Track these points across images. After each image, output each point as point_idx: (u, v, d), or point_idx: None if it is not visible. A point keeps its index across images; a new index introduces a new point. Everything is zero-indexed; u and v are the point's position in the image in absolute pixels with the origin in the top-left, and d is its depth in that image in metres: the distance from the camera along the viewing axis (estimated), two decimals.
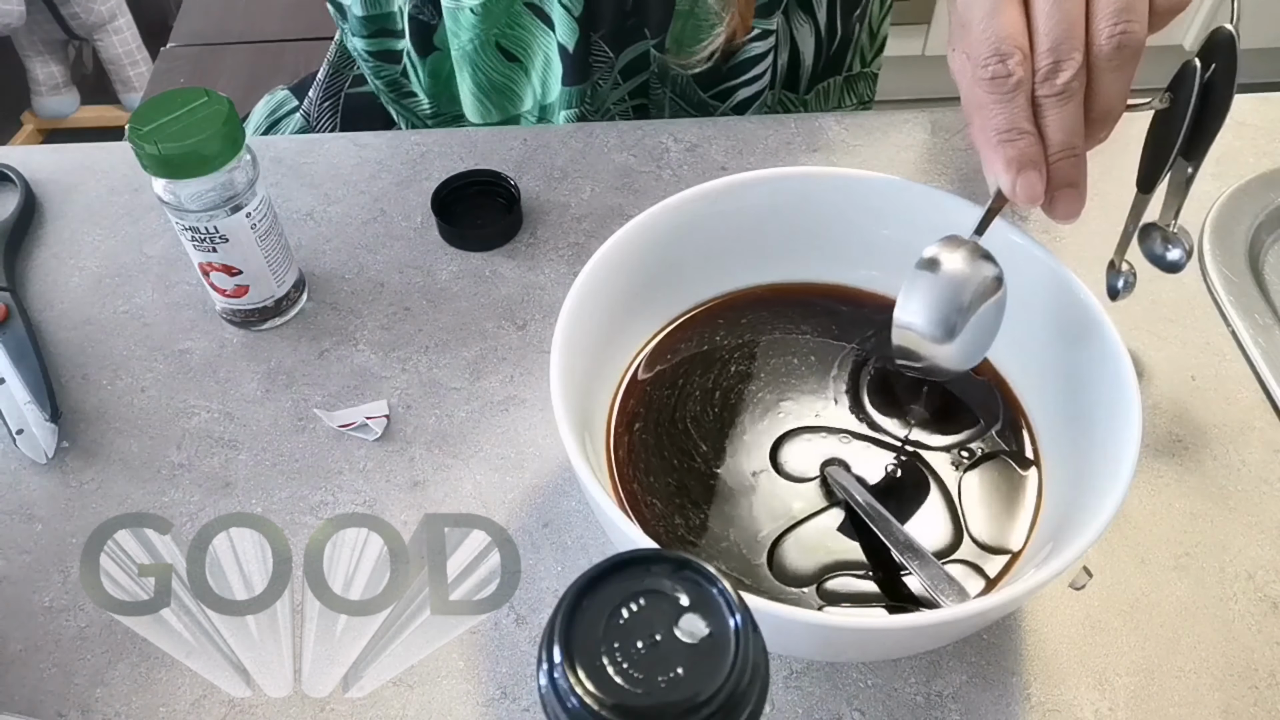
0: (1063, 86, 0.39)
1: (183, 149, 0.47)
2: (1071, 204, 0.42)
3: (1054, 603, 0.46)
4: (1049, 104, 0.40)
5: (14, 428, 0.52)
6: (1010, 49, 0.39)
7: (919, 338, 0.42)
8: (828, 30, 0.71)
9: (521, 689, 0.43)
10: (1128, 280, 0.51)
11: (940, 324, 0.42)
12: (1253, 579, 0.46)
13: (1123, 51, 0.39)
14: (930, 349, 0.43)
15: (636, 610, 0.24)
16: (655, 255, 0.47)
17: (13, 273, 0.59)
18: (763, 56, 0.68)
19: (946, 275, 0.42)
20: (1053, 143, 0.40)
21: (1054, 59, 0.39)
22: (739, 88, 0.70)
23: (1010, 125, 0.40)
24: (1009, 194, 0.41)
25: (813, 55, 0.72)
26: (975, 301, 0.42)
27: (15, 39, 1.82)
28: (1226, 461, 0.51)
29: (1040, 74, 0.39)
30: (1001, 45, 0.39)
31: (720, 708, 0.22)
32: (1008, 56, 0.39)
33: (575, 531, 0.48)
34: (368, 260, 0.60)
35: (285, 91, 0.78)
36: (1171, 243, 0.51)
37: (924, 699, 0.43)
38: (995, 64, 0.39)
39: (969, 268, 0.42)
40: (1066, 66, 0.39)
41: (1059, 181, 0.41)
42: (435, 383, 0.54)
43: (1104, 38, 0.39)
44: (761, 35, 0.67)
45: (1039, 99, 0.40)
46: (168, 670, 0.44)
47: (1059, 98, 0.39)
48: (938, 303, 0.42)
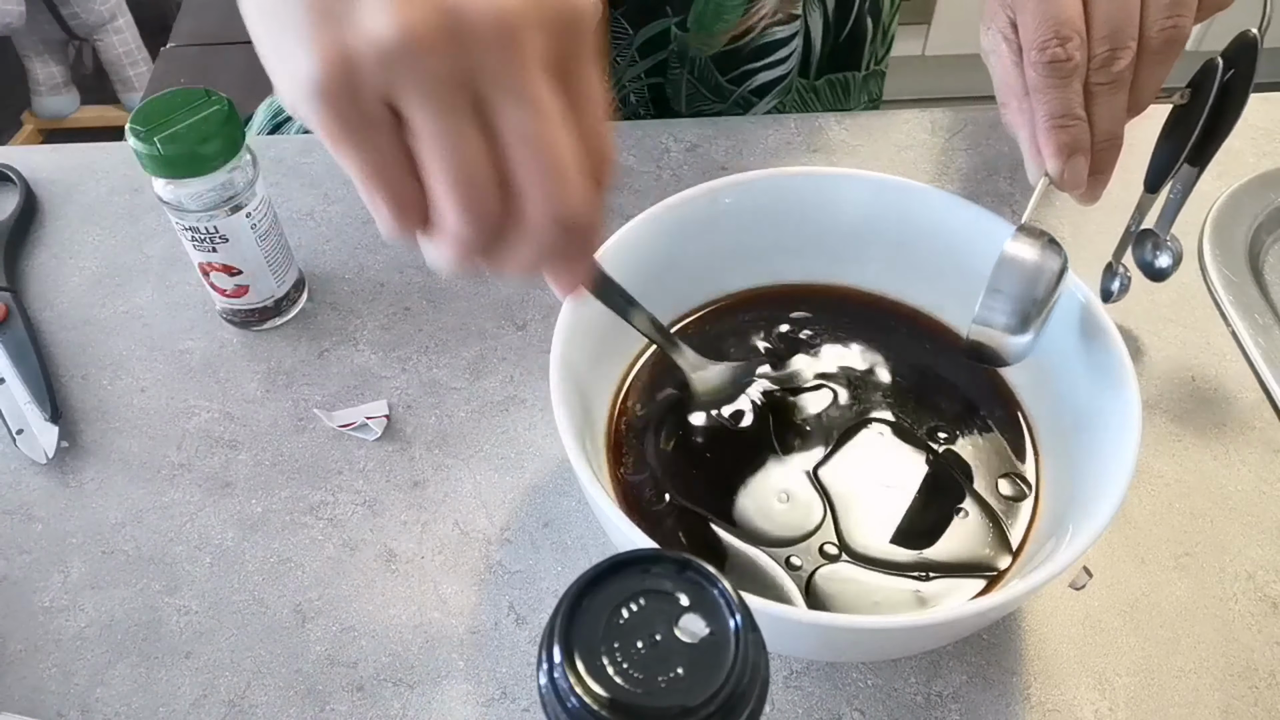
0: (1117, 75, 0.39)
1: (183, 149, 0.47)
2: (1098, 189, 0.42)
3: (1054, 603, 0.46)
4: (1101, 91, 0.39)
5: (14, 428, 0.52)
6: (1070, 33, 0.38)
7: (994, 332, 0.41)
8: (836, 18, 0.71)
9: (521, 689, 0.43)
10: (1123, 283, 0.51)
11: (1017, 315, 0.40)
12: (1253, 579, 0.46)
13: (1171, 45, 0.39)
14: (1003, 341, 0.41)
15: (636, 610, 0.24)
16: (655, 255, 0.47)
17: (13, 273, 0.59)
18: (786, 41, 0.68)
19: (1028, 269, 0.41)
20: (1099, 131, 0.40)
21: (1111, 46, 0.39)
22: (759, 71, 0.69)
23: (1065, 110, 0.40)
24: (1056, 179, 0.40)
25: (821, 40, 0.71)
26: (1049, 293, 0.41)
27: (15, 39, 1.82)
28: (1226, 461, 0.51)
29: (1096, 60, 0.39)
30: (1062, 28, 0.39)
31: (720, 708, 0.22)
32: (1068, 40, 0.38)
33: (575, 531, 0.48)
34: (368, 260, 0.60)
35: None
36: (1161, 250, 0.51)
37: (924, 699, 0.43)
38: (1055, 47, 0.39)
39: (1043, 259, 0.41)
40: (1123, 55, 0.39)
41: (1095, 168, 0.41)
42: (435, 383, 0.54)
43: (1156, 29, 0.39)
44: (787, 20, 0.66)
45: (1092, 85, 0.39)
46: (168, 670, 0.44)
47: (1111, 86, 0.39)
48: (1017, 296, 0.41)
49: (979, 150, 0.65)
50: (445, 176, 0.29)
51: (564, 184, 0.29)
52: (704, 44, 0.66)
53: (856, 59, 0.75)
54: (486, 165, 0.29)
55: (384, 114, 0.28)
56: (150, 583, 0.47)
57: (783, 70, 0.70)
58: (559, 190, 0.29)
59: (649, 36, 0.66)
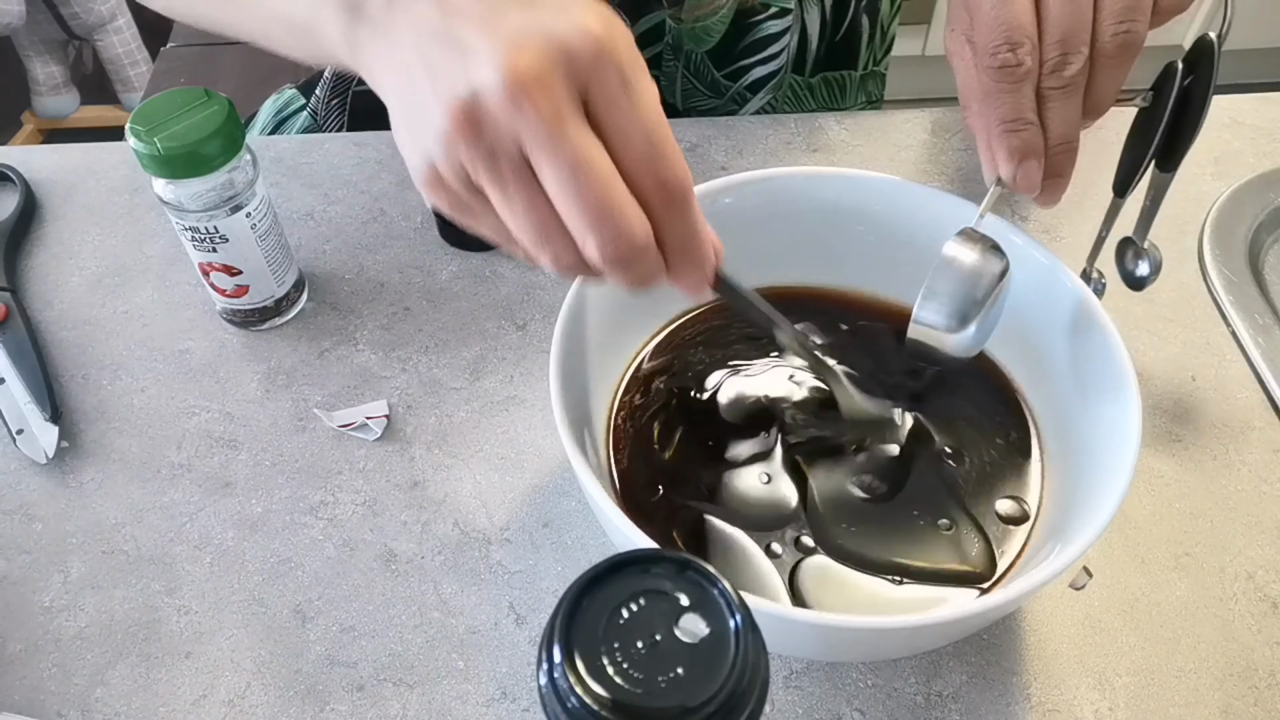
0: (1069, 79, 0.39)
1: (183, 149, 0.47)
2: (1056, 193, 0.42)
3: (1054, 603, 0.46)
4: (1054, 95, 0.40)
5: (14, 428, 0.52)
6: (1021, 38, 0.39)
7: (933, 331, 0.42)
8: (834, 15, 0.71)
9: (521, 689, 0.43)
10: (1097, 288, 0.51)
11: (955, 315, 0.41)
12: (1253, 579, 0.46)
13: (1125, 50, 0.39)
14: (943, 339, 0.42)
15: (636, 610, 0.24)
16: None
17: (13, 273, 0.59)
18: (779, 36, 0.68)
19: (963, 269, 0.41)
20: (1053, 135, 0.40)
21: (1062, 51, 0.39)
22: (754, 66, 0.70)
23: (1016, 115, 0.40)
24: (1009, 183, 0.41)
25: (818, 37, 0.71)
26: (988, 293, 0.41)
27: (15, 39, 1.82)
28: (1226, 461, 0.51)
29: (1048, 65, 0.39)
30: (1013, 34, 0.39)
31: (720, 708, 0.22)
32: (1018, 45, 0.39)
33: (575, 531, 0.48)
34: (368, 260, 0.60)
35: (292, 90, 0.78)
36: (1140, 258, 0.50)
37: (924, 699, 0.43)
38: (1005, 52, 0.39)
39: (982, 261, 0.41)
40: (1074, 60, 0.39)
41: (1051, 172, 0.41)
42: (435, 383, 0.54)
43: (1109, 34, 0.39)
44: (779, 14, 0.66)
45: (1044, 90, 0.40)
46: (168, 670, 0.44)
47: (1064, 90, 0.39)
48: (953, 296, 0.41)
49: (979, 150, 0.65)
50: (519, 232, 0.33)
51: (605, 223, 0.31)
52: (698, 39, 0.66)
53: (853, 58, 0.75)
54: (543, 216, 0.32)
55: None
56: (150, 583, 0.47)
57: (776, 65, 0.70)
58: (602, 229, 0.31)
59: (645, 29, 0.66)
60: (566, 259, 0.33)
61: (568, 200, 0.31)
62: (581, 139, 0.31)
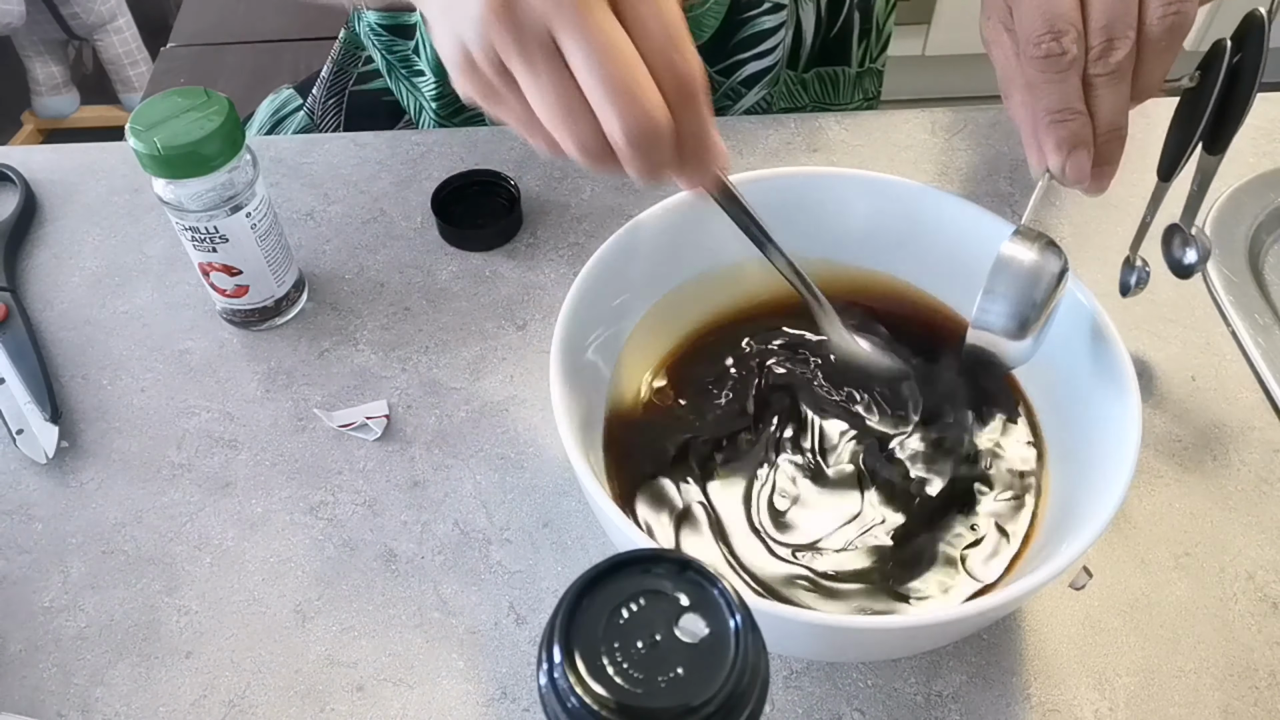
0: (1115, 66, 0.38)
1: (183, 149, 0.47)
2: (1105, 180, 0.41)
3: (1054, 603, 0.46)
4: (1101, 83, 0.39)
5: (14, 428, 0.52)
6: (1065, 26, 0.38)
7: (995, 337, 0.41)
8: (829, 11, 0.70)
9: (521, 689, 0.43)
10: (1141, 276, 0.50)
11: (1015, 318, 0.40)
12: (1253, 579, 0.46)
13: (1173, 33, 0.38)
14: (1005, 346, 0.41)
15: (636, 610, 0.24)
16: (655, 255, 0.47)
17: (13, 273, 0.59)
18: (774, 31, 0.68)
19: (1025, 271, 0.40)
20: (1101, 123, 0.39)
21: (1108, 37, 0.38)
22: (748, 61, 0.69)
23: (1063, 105, 0.39)
24: (1058, 175, 0.40)
25: (813, 33, 0.71)
26: (1048, 296, 0.40)
27: (15, 39, 1.82)
28: (1226, 461, 0.51)
29: (1094, 52, 0.38)
30: (1057, 22, 0.38)
31: (720, 708, 0.22)
32: (1063, 34, 0.38)
33: (575, 531, 0.48)
34: (368, 260, 0.60)
35: (290, 90, 0.78)
36: (1188, 244, 0.49)
37: (924, 699, 0.43)
38: (1049, 41, 0.38)
39: (1042, 261, 0.40)
40: (1121, 46, 0.38)
41: (1100, 160, 0.40)
42: (435, 383, 0.54)
43: (1157, 18, 0.38)
44: (773, 9, 0.66)
45: (1090, 77, 0.39)
46: (168, 670, 0.44)
47: (1111, 77, 0.38)
48: (1016, 301, 0.40)
49: (979, 150, 0.65)
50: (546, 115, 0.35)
51: (629, 102, 0.34)
52: (690, 34, 0.66)
53: (846, 54, 0.75)
54: (569, 96, 0.34)
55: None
56: (150, 583, 0.47)
57: (771, 60, 0.70)
58: (626, 108, 0.33)
59: None
60: (590, 141, 0.35)
61: (593, 78, 0.33)
62: (607, 22, 0.33)
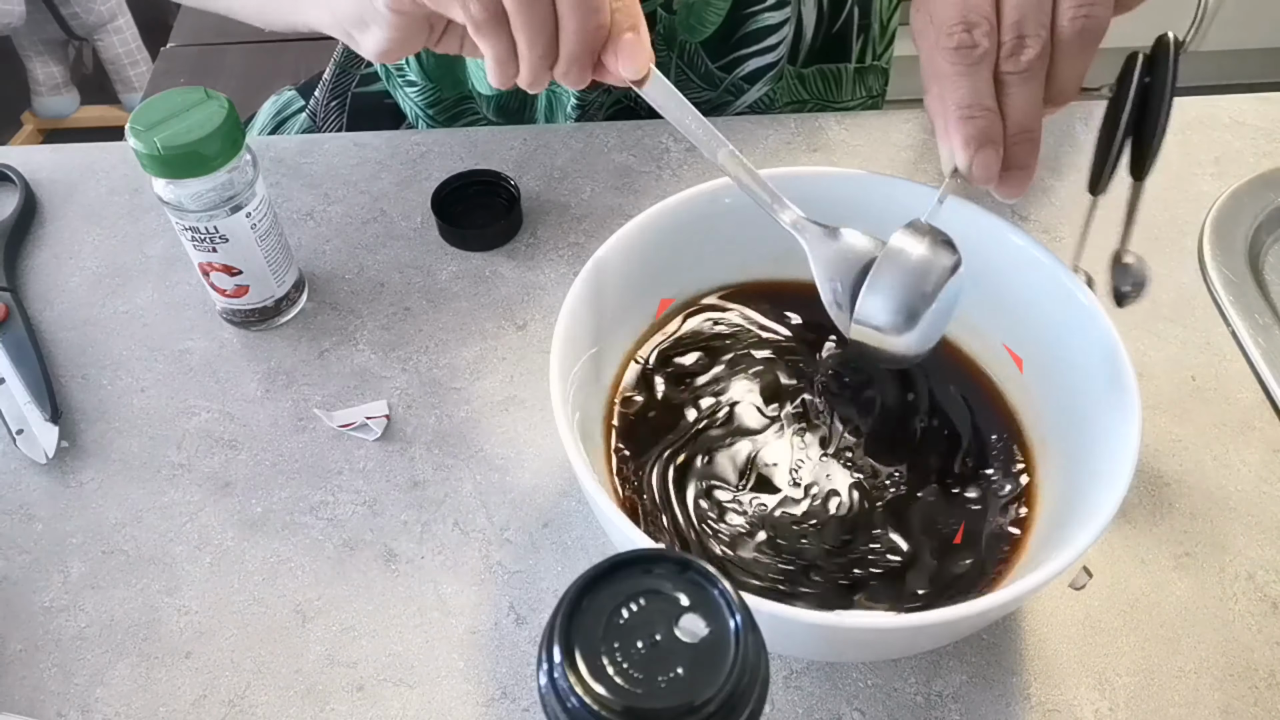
0: (1026, 64, 0.38)
1: (183, 149, 0.47)
2: (1019, 185, 0.41)
3: (1054, 603, 0.46)
4: (1011, 81, 0.39)
5: (14, 428, 0.52)
6: (978, 18, 0.38)
7: (876, 332, 0.41)
8: (831, 7, 0.70)
9: (521, 689, 0.43)
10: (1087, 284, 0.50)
11: (901, 312, 0.40)
12: (1253, 579, 0.46)
13: (1085, 36, 0.38)
14: (889, 341, 0.41)
15: (636, 610, 0.24)
16: (655, 255, 0.47)
17: (13, 273, 0.59)
18: (778, 27, 0.67)
19: (911, 263, 0.40)
20: (1012, 123, 0.39)
21: (1019, 34, 0.38)
22: (751, 57, 0.69)
23: (973, 100, 0.39)
24: (965, 172, 0.40)
25: (813, 29, 0.71)
26: (935, 289, 0.40)
27: (15, 39, 1.82)
28: (1226, 461, 0.51)
29: (1005, 49, 0.38)
30: (969, 14, 0.38)
31: (720, 708, 0.22)
32: (974, 26, 0.38)
33: (575, 531, 0.48)
34: (368, 260, 0.60)
35: (292, 91, 0.78)
36: (1121, 277, 0.49)
37: (924, 699, 0.43)
38: (960, 32, 0.38)
39: (931, 254, 0.40)
40: (1031, 44, 0.38)
41: (1012, 163, 0.40)
42: (435, 383, 0.54)
43: (1068, 19, 0.38)
44: (777, 5, 0.66)
45: (1001, 75, 0.39)
46: (168, 670, 0.44)
47: (1021, 75, 0.38)
48: (898, 293, 0.40)
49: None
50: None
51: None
52: (691, 29, 0.66)
53: (846, 51, 0.74)
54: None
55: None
56: (150, 583, 0.47)
57: (775, 56, 0.69)
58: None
59: None
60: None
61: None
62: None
